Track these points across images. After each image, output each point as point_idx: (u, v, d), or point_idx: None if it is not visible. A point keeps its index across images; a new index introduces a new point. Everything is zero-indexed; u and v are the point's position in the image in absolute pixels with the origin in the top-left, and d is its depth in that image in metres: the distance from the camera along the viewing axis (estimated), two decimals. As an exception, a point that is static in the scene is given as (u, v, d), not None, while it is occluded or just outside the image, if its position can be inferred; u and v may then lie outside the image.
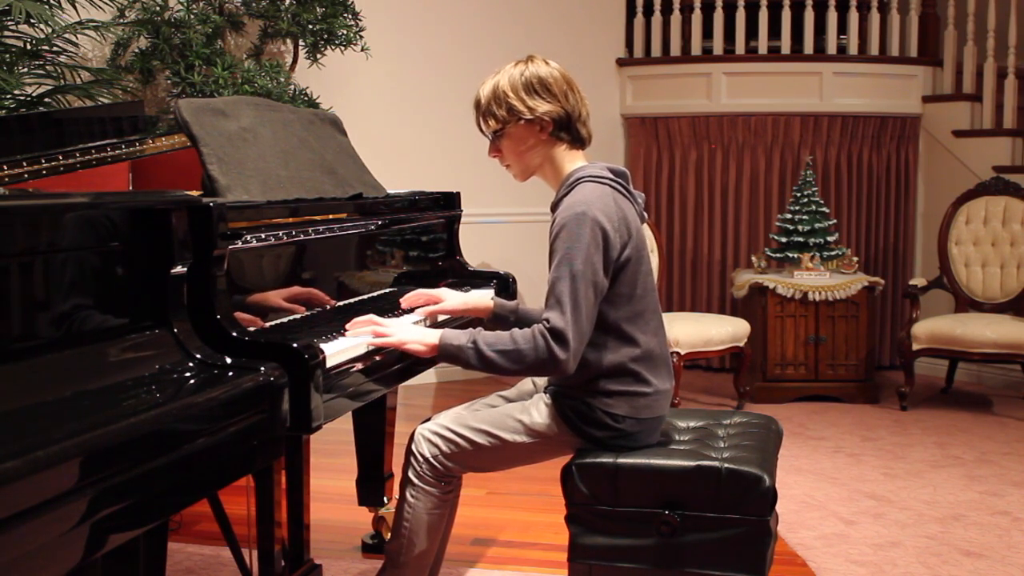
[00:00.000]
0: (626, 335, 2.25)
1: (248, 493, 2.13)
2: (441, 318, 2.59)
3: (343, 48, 4.62)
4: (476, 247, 5.21)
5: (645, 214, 2.39)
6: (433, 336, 2.21)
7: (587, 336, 2.16)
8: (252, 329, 2.03)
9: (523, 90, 2.27)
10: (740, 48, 6.03)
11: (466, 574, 3.00)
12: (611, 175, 2.28)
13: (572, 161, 2.33)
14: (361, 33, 4.64)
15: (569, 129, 2.30)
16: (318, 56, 4.61)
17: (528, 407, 2.33)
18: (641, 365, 2.25)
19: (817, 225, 5.31)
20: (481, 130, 2.37)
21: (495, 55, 5.82)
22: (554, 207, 2.27)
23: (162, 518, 1.65)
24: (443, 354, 2.20)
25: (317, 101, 4.59)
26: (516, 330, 2.17)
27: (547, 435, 2.30)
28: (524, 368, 2.14)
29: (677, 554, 2.17)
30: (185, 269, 1.86)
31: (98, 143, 2.51)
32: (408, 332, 2.24)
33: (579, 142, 2.33)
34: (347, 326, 2.26)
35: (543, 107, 2.27)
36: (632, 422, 2.25)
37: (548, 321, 2.12)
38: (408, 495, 2.35)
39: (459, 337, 2.18)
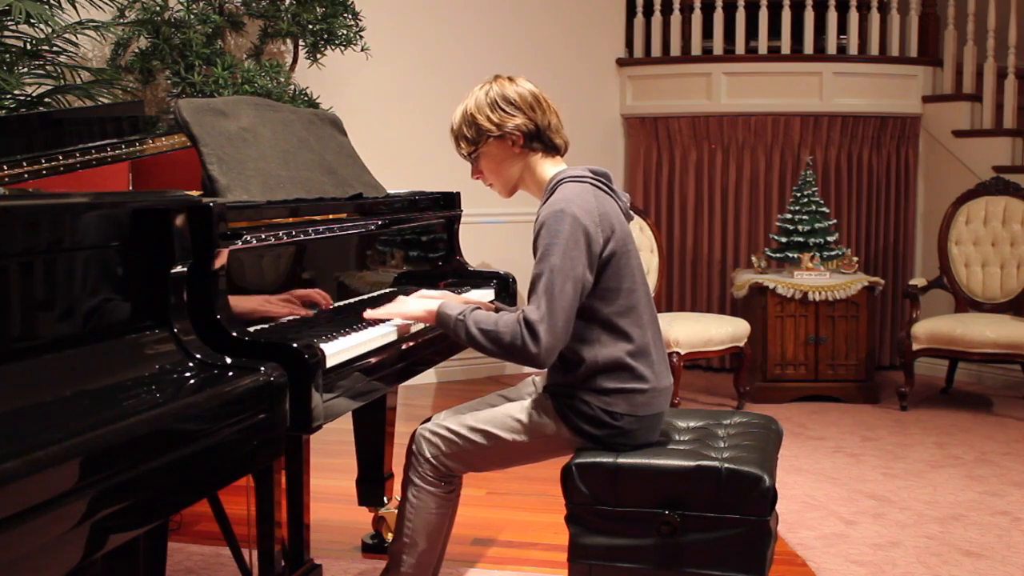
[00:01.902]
0: (619, 329, 2.26)
1: (248, 493, 2.13)
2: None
3: (343, 48, 4.62)
4: (476, 247, 5.21)
5: (632, 213, 2.41)
6: (433, 304, 2.30)
7: (563, 332, 2.17)
8: (252, 329, 2.03)
9: (488, 108, 2.33)
10: (740, 48, 6.03)
11: (466, 574, 3.00)
12: (591, 174, 2.31)
13: (551, 167, 2.37)
14: (361, 33, 4.64)
15: (540, 139, 2.34)
16: (318, 56, 4.61)
17: (527, 406, 2.33)
18: (636, 360, 2.26)
19: (817, 225, 5.30)
20: (461, 155, 2.42)
21: (495, 55, 5.81)
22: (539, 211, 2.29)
23: (162, 518, 1.65)
24: (439, 322, 2.29)
25: (317, 101, 4.59)
26: (505, 314, 2.21)
27: (547, 434, 2.31)
28: (500, 351, 2.19)
29: (677, 554, 2.17)
30: (185, 269, 1.86)
31: (98, 143, 2.52)
32: (412, 302, 2.35)
33: (553, 149, 2.37)
34: (368, 314, 2.35)
35: (511, 121, 2.32)
36: (631, 419, 2.26)
37: (524, 313, 2.16)
38: (410, 495, 2.35)
39: (455, 308, 2.26)
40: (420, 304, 2.33)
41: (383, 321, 2.40)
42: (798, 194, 5.37)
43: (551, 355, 2.18)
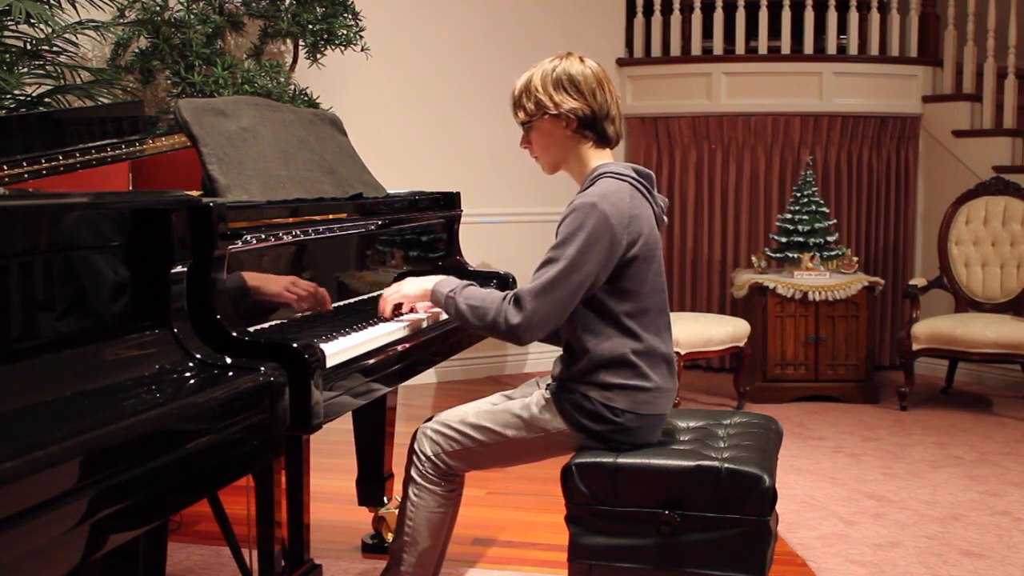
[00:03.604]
0: (627, 329, 2.26)
1: (248, 493, 2.13)
2: (444, 316, 2.60)
3: (343, 48, 4.62)
4: (476, 247, 5.21)
5: (665, 218, 2.40)
6: (430, 283, 2.35)
7: (551, 314, 2.18)
8: (252, 329, 2.03)
9: (552, 86, 2.32)
10: (740, 48, 6.03)
11: (466, 574, 3.00)
12: (634, 174, 2.30)
13: (598, 158, 2.35)
14: (361, 33, 4.64)
15: (594, 127, 2.33)
16: (318, 56, 4.61)
17: (529, 403, 2.34)
18: (642, 359, 2.26)
19: (817, 225, 5.31)
20: (517, 121, 2.41)
21: (495, 55, 5.81)
22: None
23: (162, 518, 1.65)
24: (433, 299, 2.35)
25: (317, 101, 4.59)
26: (493, 291, 2.25)
27: (548, 430, 2.31)
28: (483, 325, 2.23)
29: (677, 554, 2.17)
30: (185, 269, 1.86)
31: (98, 143, 2.51)
32: (410, 285, 2.41)
33: (605, 141, 2.36)
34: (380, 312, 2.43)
35: (568, 103, 2.30)
36: (631, 416, 2.26)
37: (520, 287, 2.20)
38: (411, 494, 2.36)
39: (448, 285, 2.30)
40: (416, 284, 2.38)
41: (400, 313, 2.46)
42: (798, 194, 5.37)
43: (530, 331, 2.19)
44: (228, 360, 1.83)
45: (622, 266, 2.23)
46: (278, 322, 2.18)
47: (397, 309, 2.46)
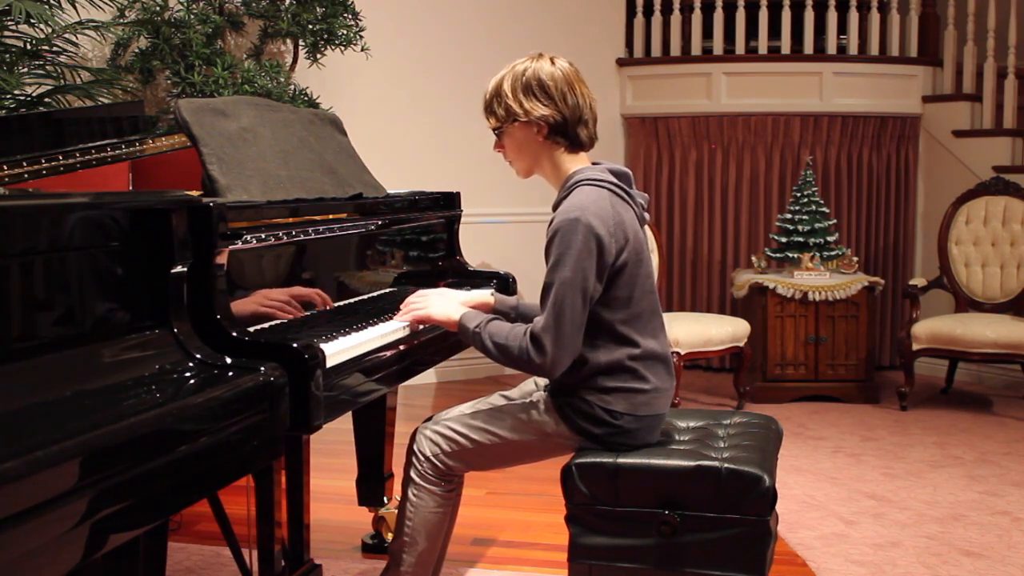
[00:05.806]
0: (623, 336, 2.25)
1: (248, 493, 2.13)
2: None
3: (343, 48, 4.62)
4: (476, 247, 5.21)
5: (647, 215, 2.38)
6: (457, 314, 2.33)
7: (570, 341, 2.17)
8: (252, 329, 2.03)
9: (521, 91, 2.27)
10: (740, 48, 6.04)
11: (466, 574, 3.00)
12: (611, 177, 2.27)
13: (572, 163, 2.32)
14: (361, 33, 4.64)
15: (566, 133, 2.28)
16: (318, 56, 4.61)
17: (528, 405, 2.34)
18: (639, 363, 2.26)
19: (817, 225, 5.31)
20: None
21: (495, 55, 5.82)
22: (555, 208, 2.27)
23: (162, 518, 1.65)
24: (460, 332, 2.32)
25: (317, 101, 4.59)
26: (519, 325, 2.23)
27: (547, 433, 2.31)
28: (509, 362, 2.22)
29: (677, 554, 2.17)
30: (185, 269, 1.86)
31: (98, 143, 2.51)
32: (438, 307, 2.39)
33: (577, 145, 2.32)
34: (398, 317, 2.43)
35: (538, 110, 2.26)
36: (630, 419, 2.26)
37: (532, 326, 2.18)
38: (410, 494, 2.36)
39: (474, 320, 2.28)
40: (444, 312, 2.37)
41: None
42: (798, 194, 5.37)
43: (558, 365, 2.18)
44: (228, 360, 1.83)
45: (612, 275, 2.21)
46: (278, 322, 2.18)
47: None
